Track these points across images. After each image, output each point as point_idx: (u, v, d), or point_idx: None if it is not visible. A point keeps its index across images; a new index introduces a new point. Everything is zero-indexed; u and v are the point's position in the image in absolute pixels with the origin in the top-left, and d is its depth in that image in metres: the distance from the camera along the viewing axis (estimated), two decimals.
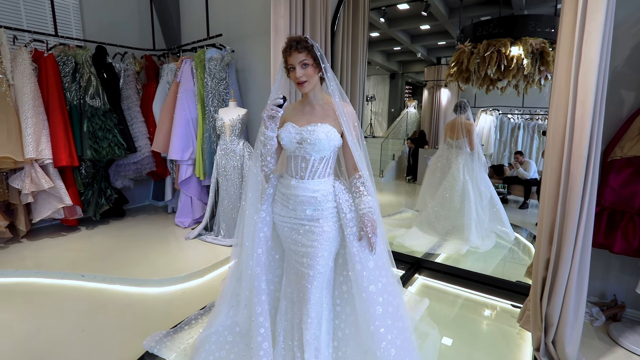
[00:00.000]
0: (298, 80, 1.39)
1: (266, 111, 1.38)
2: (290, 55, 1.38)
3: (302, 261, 1.44)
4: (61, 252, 3.13)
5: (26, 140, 2.97)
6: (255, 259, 1.48)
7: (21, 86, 3.03)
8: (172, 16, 4.25)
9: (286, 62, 1.40)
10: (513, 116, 5.61)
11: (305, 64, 1.38)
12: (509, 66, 3.51)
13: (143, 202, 4.73)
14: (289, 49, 1.38)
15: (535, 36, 3.53)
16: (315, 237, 1.44)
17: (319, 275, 1.44)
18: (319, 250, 1.43)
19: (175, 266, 2.81)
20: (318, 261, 1.43)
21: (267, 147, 1.44)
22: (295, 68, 1.38)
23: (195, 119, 3.61)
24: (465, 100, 3.54)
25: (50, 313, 2.24)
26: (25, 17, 3.56)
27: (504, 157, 5.66)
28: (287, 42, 1.40)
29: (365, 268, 1.40)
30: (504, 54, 3.53)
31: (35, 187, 3.07)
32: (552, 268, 1.57)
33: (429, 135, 7.62)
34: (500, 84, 3.87)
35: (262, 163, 1.47)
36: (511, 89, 3.95)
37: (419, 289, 2.54)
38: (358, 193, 1.47)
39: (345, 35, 3.13)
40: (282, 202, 1.51)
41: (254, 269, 1.46)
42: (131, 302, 2.37)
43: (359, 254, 1.41)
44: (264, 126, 1.41)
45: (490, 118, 5.67)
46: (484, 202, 3.44)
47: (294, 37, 1.41)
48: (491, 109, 5.59)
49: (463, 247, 3.10)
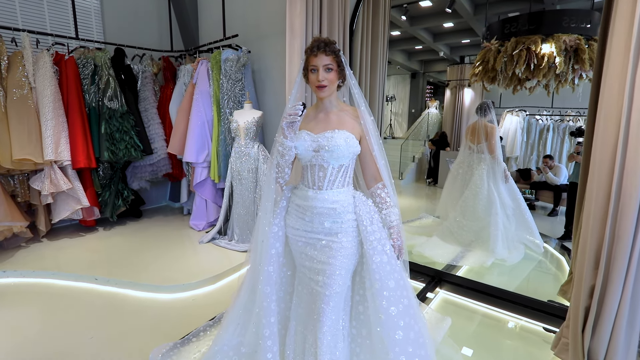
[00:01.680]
0: (319, 83, 1.31)
1: (285, 119, 1.30)
2: (315, 56, 1.30)
3: (318, 279, 1.33)
4: (78, 252, 3.15)
5: (46, 142, 3.00)
6: (266, 277, 1.38)
7: (42, 89, 3.07)
8: (190, 17, 4.24)
9: (308, 62, 1.33)
10: (541, 117, 5.30)
11: (330, 68, 1.31)
12: (539, 65, 3.28)
13: (160, 202, 4.76)
14: (316, 49, 1.30)
15: (569, 32, 3.28)
16: (333, 252, 1.33)
17: (335, 295, 1.33)
18: (336, 267, 1.32)
19: (188, 271, 2.76)
20: (335, 279, 1.32)
21: (286, 158, 1.36)
22: (317, 70, 1.30)
23: (210, 120, 3.57)
24: (489, 101, 3.31)
25: (62, 316, 2.23)
26: (49, 20, 3.62)
27: (531, 161, 5.36)
28: (313, 42, 1.32)
29: (386, 287, 1.28)
30: (534, 51, 3.30)
31: (54, 188, 3.11)
32: (597, 296, 1.39)
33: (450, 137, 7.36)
34: (528, 83, 3.63)
35: (279, 175, 1.39)
36: (540, 88, 3.71)
37: (440, 305, 2.37)
38: (385, 204, 1.39)
39: (365, 34, 3.00)
40: (297, 215, 1.41)
41: (264, 288, 1.36)
42: (142, 309, 2.34)
43: (379, 271, 1.29)
44: (282, 135, 1.33)
45: (516, 119, 5.37)
46: (508, 210, 3.21)
47: (321, 38, 1.34)
48: (517, 109, 5.31)
49: (488, 259, 2.90)
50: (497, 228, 3.04)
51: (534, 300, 2.20)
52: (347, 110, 1.41)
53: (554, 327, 2.04)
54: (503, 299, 2.29)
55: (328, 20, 2.53)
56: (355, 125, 1.37)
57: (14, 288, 2.60)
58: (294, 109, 1.27)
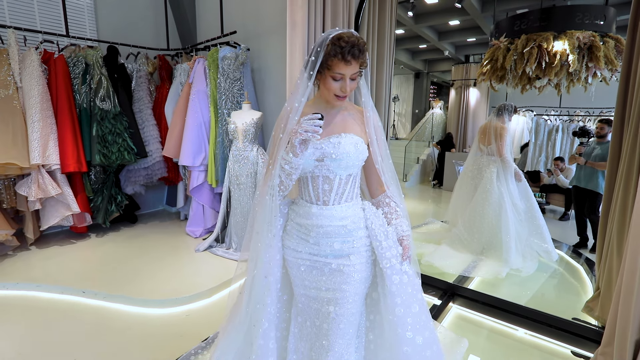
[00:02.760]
0: (344, 94, 1.10)
1: (298, 134, 1.04)
2: (348, 65, 1.05)
3: (329, 310, 1.15)
4: (68, 262, 2.98)
5: (32, 145, 2.84)
6: (264, 312, 1.20)
7: (29, 89, 2.90)
8: (188, 14, 4.07)
9: (332, 67, 1.06)
10: (549, 117, 5.12)
11: (356, 77, 1.10)
12: (551, 63, 3.10)
13: (157, 207, 4.59)
14: (350, 57, 1.04)
15: (582, 29, 3.11)
16: (345, 278, 1.14)
17: (349, 326, 1.16)
18: (349, 295, 1.14)
19: (182, 283, 2.59)
20: (349, 309, 1.15)
21: (293, 177, 1.12)
22: (344, 79, 1.08)
23: (207, 122, 3.40)
24: (510, 104, 3.14)
25: (44, 334, 2.06)
26: (39, 17, 3.46)
27: (539, 162, 5.18)
28: (342, 45, 1.03)
29: (409, 313, 1.10)
30: (546, 49, 3.12)
31: (42, 193, 2.94)
32: None
33: (456, 138, 7.19)
34: (538, 82, 3.45)
35: (282, 193, 1.16)
36: (549, 88, 3.54)
37: (454, 322, 2.19)
38: (395, 214, 1.22)
39: (371, 31, 2.82)
40: (298, 235, 1.22)
41: (262, 324, 1.18)
42: (131, 326, 2.17)
43: (401, 294, 1.11)
44: (292, 153, 1.08)
45: (523, 119, 5.19)
46: (521, 214, 3.03)
47: (351, 38, 1.05)
48: (525, 109, 5.13)
49: (502, 269, 2.72)
50: (509, 235, 2.86)
51: (557, 318, 2.02)
52: (352, 110, 1.23)
53: (583, 351, 1.85)
54: (523, 316, 2.11)
55: (332, 15, 2.36)
56: (362, 128, 1.20)
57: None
58: (312, 124, 1.03)
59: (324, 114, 1.19)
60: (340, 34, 1.06)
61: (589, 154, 3.12)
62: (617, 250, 1.76)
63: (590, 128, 3.80)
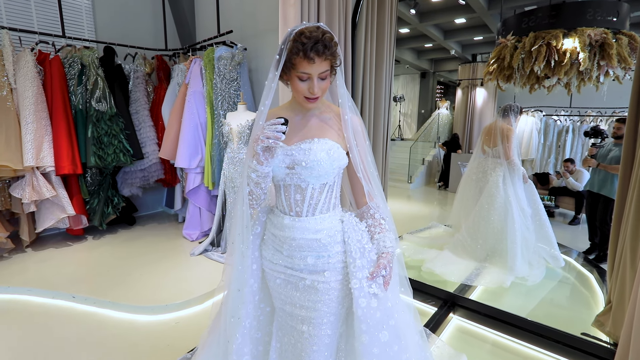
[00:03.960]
0: (312, 96, 1.00)
1: (260, 141, 0.95)
2: (312, 63, 0.95)
3: (302, 330, 1.06)
4: (63, 265, 2.95)
5: (26, 147, 2.81)
6: (237, 325, 1.11)
7: (23, 90, 2.88)
8: (187, 13, 4.03)
9: (295, 66, 0.97)
10: (559, 118, 4.96)
11: (325, 75, 0.99)
12: (560, 61, 2.96)
13: (156, 208, 4.56)
14: (312, 53, 0.93)
15: (594, 26, 2.96)
16: (319, 296, 1.05)
17: (325, 349, 1.06)
18: (324, 314, 1.05)
19: (175, 288, 2.53)
20: (324, 329, 1.05)
21: (262, 186, 1.03)
22: (311, 79, 0.98)
23: (204, 123, 3.34)
24: (515, 105, 3.01)
25: (34, 339, 2.02)
26: (36, 18, 3.44)
27: (548, 164, 5.01)
28: (304, 41, 0.93)
29: (376, 342, 0.98)
30: (555, 47, 2.98)
31: (37, 195, 2.91)
32: None
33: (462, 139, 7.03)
34: (547, 82, 3.31)
35: (253, 202, 1.07)
36: (559, 87, 3.40)
37: (453, 335, 2.08)
38: (379, 227, 1.10)
39: (369, 29, 2.72)
40: (273, 246, 1.14)
41: (235, 339, 1.09)
42: (119, 332, 2.11)
43: (366, 320, 0.99)
44: (256, 161, 0.99)
45: (531, 120, 5.02)
46: (528, 219, 2.90)
47: (314, 32, 0.94)
48: (533, 109, 4.97)
49: (507, 278, 2.59)
50: (515, 242, 2.73)
51: (564, 334, 1.89)
52: (332, 112, 1.12)
53: None
54: (528, 330, 1.99)
55: (327, 12, 2.27)
56: (341, 131, 1.09)
57: None
58: (274, 130, 0.93)
59: (299, 117, 1.10)
60: (303, 29, 0.95)
61: (604, 156, 2.95)
62: (631, 261, 1.63)
63: (604, 128, 3.64)
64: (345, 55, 2.53)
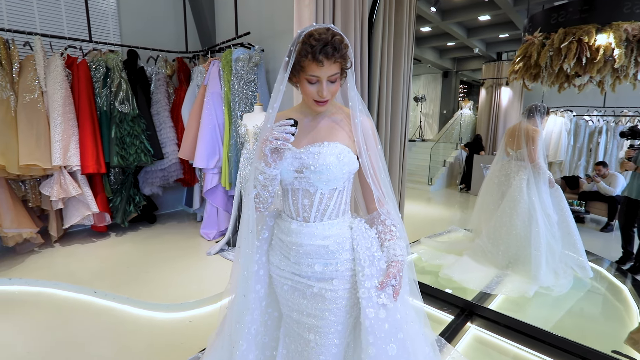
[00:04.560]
0: (322, 99, 0.97)
1: (268, 142, 0.93)
2: (321, 66, 0.93)
3: (309, 338, 1.04)
4: (86, 260, 3.07)
5: (54, 147, 2.94)
6: (242, 331, 1.10)
7: (53, 92, 3.02)
8: (207, 16, 4.10)
9: (304, 68, 0.95)
10: (591, 118, 4.70)
11: (335, 78, 0.97)
12: (593, 58, 2.79)
13: (176, 207, 4.67)
14: (321, 56, 0.91)
15: (632, 19, 2.77)
16: (327, 305, 1.02)
17: (332, 358, 1.04)
18: (331, 323, 1.02)
19: (190, 287, 2.58)
20: (331, 339, 1.03)
21: (270, 189, 1.01)
22: (320, 82, 0.95)
23: (222, 124, 3.39)
24: (540, 105, 2.86)
25: (56, 331, 2.11)
26: (66, 24, 3.60)
27: (578, 167, 4.76)
28: (313, 43, 0.91)
29: (383, 355, 0.94)
30: (587, 43, 2.81)
31: (64, 193, 3.04)
32: None
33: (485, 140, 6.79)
34: (578, 80, 3.13)
35: (259, 205, 1.06)
36: (592, 86, 3.20)
37: (470, 345, 2.00)
38: (389, 234, 1.05)
39: (387, 28, 2.67)
40: (281, 252, 1.11)
41: (239, 345, 1.08)
42: (136, 328, 2.17)
43: (374, 331, 0.95)
44: (264, 162, 0.97)
45: (561, 120, 4.77)
46: (554, 226, 2.74)
47: (323, 35, 0.92)
48: (562, 109, 4.73)
49: (530, 287, 2.46)
50: (540, 249, 2.59)
51: (593, 351, 1.76)
52: (343, 113, 1.09)
53: None
54: (552, 345, 1.87)
55: (343, 11, 2.24)
56: (352, 135, 1.05)
57: (18, 296, 2.54)
58: (283, 131, 0.91)
59: (309, 119, 1.08)
60: (312, 30, 0.93)
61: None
62: None
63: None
64: (362, 56, 2.49)
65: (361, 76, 2.53)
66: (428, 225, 4.40)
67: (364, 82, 2.58)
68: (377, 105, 2.80)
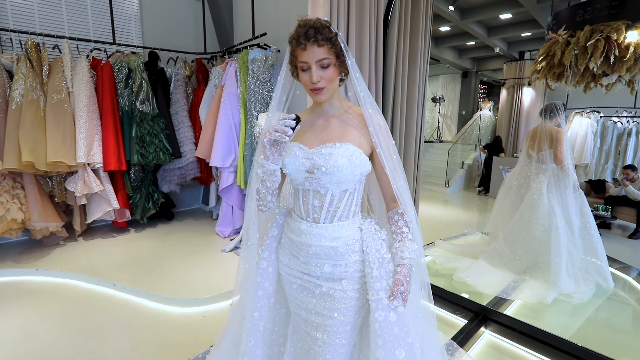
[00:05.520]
0: (314, 85, 0.98)
1: (268, 134, 0.95)
2: (304, 50, 0.95)
3: (316, 337, 1.05)
4: (107, 254, 3.19)
5: (79, 145, 3.07)
6: (250, 328, 1.12)
7: (78, 93, 3.15)
8: (225, 18, 4.18)
9: (295, 57, 0.99)
10: (620, 119, 4.50)
11: (326, 63, 0.97)
12: (622, 57, 2.66)
13: (193, 205, 4.78)
14: (303, 40, 0.95)
15: None
16: (335, 304, 1.03)
17: (339, 358, 1.04)
18: (339, 323, 1.02)
19: (205, 282, 2.64)
20: (339, 338, 1.03)
21: (267, 185, 1.03)
22: (310, 68, 0.97)
23: (238, 124, 3.45)
24: (558, 103, 2.76)
25: (77, 322, 2.21)
26: (92, 27, 3.76)
27: (605, 171, 4.57)
28: (298, 29, 0.97)
29: (391, 358, 0.94)
30: (616, 41, 2.69)
31: (87, 189, 3.17)
32: None
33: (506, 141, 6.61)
34: (605, 80, 3.00)
35: (260, 202, 1.08)
36: (621, 85, 3.06)
37: (483, 350, 1.95)
38: (400, 235, 1.04)
39: (402, 28, 2.64)
40: (290, 251, 1.12)
41: (247, 340, 1.10)
42: (152, 322, 2.23)
43: (383, 334, 0.95)
44: (263, 155, 0.99)
45: (587, 122, 4.59)
46: (575, 231, 2.63)
47: (309, 20, 0.97)
48: (589, 110, 4.55)
49: (549, 293, 2.38)
50: (560, 255, 2.49)
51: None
52: (354, 113, 1.09)
53: None
54: (571, 354, 1.80)
55: (357, 12, 2.23)
56: (364, 135, 1.05)
57: (44, 286, 2.67)
58: (283, 124, 0.93)
59: (321, 119, 1.08)
60: (300, 20, 0.98)
61: None
62: None
63: None
64: (377, 56, 2.48)
65: (376, 76, 2.52)
66: (444, 228, 4.32)
67: (379, 82, 2.56)
68: (392, 105, 2.78)
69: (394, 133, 2.80)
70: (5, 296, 2.51)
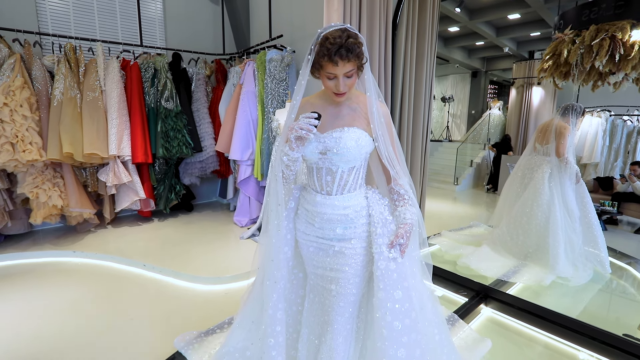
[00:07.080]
0: (339, 92, 1.15)
1: (294, 130, 1.11)
2: (336, 65, 1.07)
3: (331, 288, 1.25)
4: (135, 240, 3.46)
5: (110, 138, 3.35)
6: (276, 288, 1.31)
7: (110, 91, 3.43)
8: (243, 21, 4.43)
9: (322, 66, 1.10)
10: (630, 117, 4.56)
11: (351, 74, 1.13)
12: (627, 55, 2.78)
13: (211, 198, 5.04)
14: (336, 57, 1.05)
15: None
16: (346, 259, 1.23)
17: (350, 305, 1.24)
18: (350, 276, 1.22)
19: (226, 264, 2.86)
20: (349, 289, 1.23)
21: (292, 169, 1.22)
22: (337, 78, 1.12)
23: (255, 120, 3.68)
24: (576, 105, 2.92)
25: (114, 296, 2.46)
26: (121, 31, 4.05)
27: (614, 168, 4.63)
28: (328, 46, 1.05)
29: (390, 298, 1.14)
30: (620, 40, 2.81)
31: (117, 180, 3.45)
32: None
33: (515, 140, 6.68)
34: (612, 78, 3.11)
35: (284, 180, 1.26)
36: (629, 84, 3.16)
37: (483, 325, 2.12)
38: (402, 201, 1.25)
39: (410, 29, 2.83)
40: (306, 219, 1.32)
41: (271, 295, 1.30)
42: (179, 296, 2.47)
43: (384, 279, 1.15)
44: (288, 147, 1.16)
45: (597, 121, 4.67)
46: (575, 220, 2.77)
47: (337, 38, 1.05)
48: (599, 109, 4.62)
49: (547, 276, 2.53)
50: (557, 240, 2.64)
51: (603, 332, 1.84)
52: (360, 100, 1.26)
53: None
54: (563, 325, 1.96)
55: (368, 15, 2.43)
56: (369, 119, 1.23)
57: (80, 267, 2.94)
58: (307, 123, 1.09)
59: (332, 106, 1.27)
60: (327, 33, 1.07)
61: None
62: None
63: None
64: (386, 57, 2.67)
65: (384, 76, 2.70)
66: (452, 223, 4.46)
67: (387, 82, 2.75)
68: (399, 104, 2.95)
69: (401, 131, 2.98)
70: (47, 274, 2.78)
